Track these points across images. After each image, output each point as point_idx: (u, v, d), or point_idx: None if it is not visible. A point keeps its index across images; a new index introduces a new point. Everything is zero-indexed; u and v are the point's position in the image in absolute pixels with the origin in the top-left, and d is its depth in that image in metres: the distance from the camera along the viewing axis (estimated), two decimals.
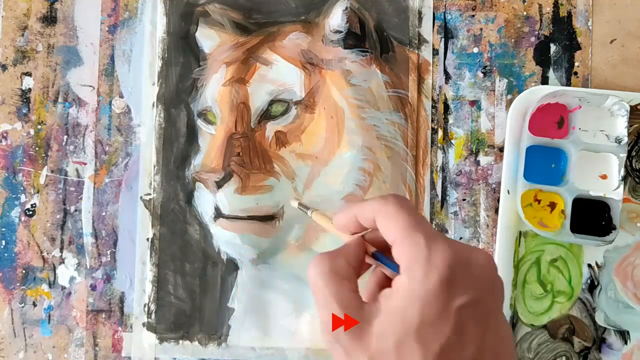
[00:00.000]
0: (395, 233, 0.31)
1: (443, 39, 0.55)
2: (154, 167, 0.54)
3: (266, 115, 0.53)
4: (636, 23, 0.55)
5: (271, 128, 0.53)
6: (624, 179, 0.51)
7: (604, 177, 0.52)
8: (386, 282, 0.33)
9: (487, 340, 0.30)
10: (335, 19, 0.54)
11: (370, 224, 0.33)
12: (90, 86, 0.55)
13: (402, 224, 0.31)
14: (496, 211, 0.53)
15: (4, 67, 0.55)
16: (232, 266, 0.54)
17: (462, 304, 0.29)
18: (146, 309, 0.53)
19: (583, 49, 0.54)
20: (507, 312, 0.52)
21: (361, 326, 0.30)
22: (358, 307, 0.30)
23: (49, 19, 0.55)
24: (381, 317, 0.30)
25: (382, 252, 0.33)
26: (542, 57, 0.54)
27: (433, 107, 0.54)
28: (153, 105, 0.55)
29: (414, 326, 0.29)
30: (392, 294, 0.30)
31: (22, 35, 0.55)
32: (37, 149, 0.55)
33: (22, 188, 0.54)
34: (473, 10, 0.55)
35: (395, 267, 0.31)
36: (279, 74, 0.54)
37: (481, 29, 0.55)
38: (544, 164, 0.52)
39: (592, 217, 0.51)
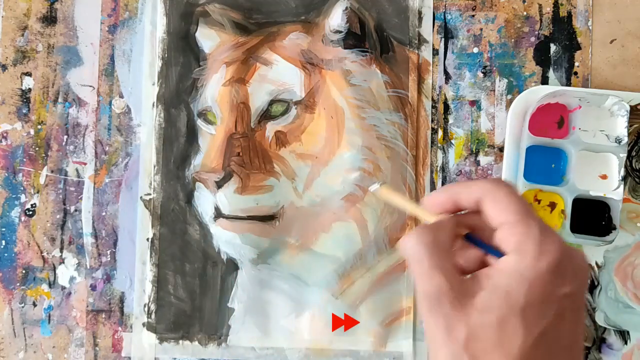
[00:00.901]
0: (507, 216, 0.31)
1: (443, 39, 0.55)
2: (154, 167, 0.54)
3: (266, 115, 0.53)
4: (636, 23, 0.55)
5: (271, 128, 0.53)
6: (624, 179, 0.51)
7: (604, 177, 0.52)
8: (470, 266, 0.33)
9: (578, 333, 0.31)
10: (335, 19, 0.54)
11: (470, 205, 0.33)
12: (90, 86, 0.55)
13: (514, 208, 0.31)
14: None
15: (4, 67, 0.55)
16: (232, 266, 0.54)
17: (565, 293, 0.30)
18: (146, 309, 0.53)
19: (583, 49, 0.54)
20: None
21: (464, 299, 0.30)
22: (460, 281, 0.31)
23: (49, 19, 0.55)
24: (484, 293, 0.30)
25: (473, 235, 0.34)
26: (542, 57, 0.54)
27: (433, 107, 0.54)
28: (153, 105, 0.55)
29: (520, 305, 0.29)
30: (496, 273, 0.31)
31: (22, 35, 0.55)
32: (37, 149, 0.55)
33: (22, 188, 0.54)
34: (473, 10, 0.55)
35: (493, 251, 0.32)
36: (279, 74, 0.54)
37: (481, 29, 0.55)
38: (544, 164, 0.52)
39: (592, 217, 0.51)
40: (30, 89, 0.55)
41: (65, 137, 0.55)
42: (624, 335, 0.52)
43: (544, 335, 0.29)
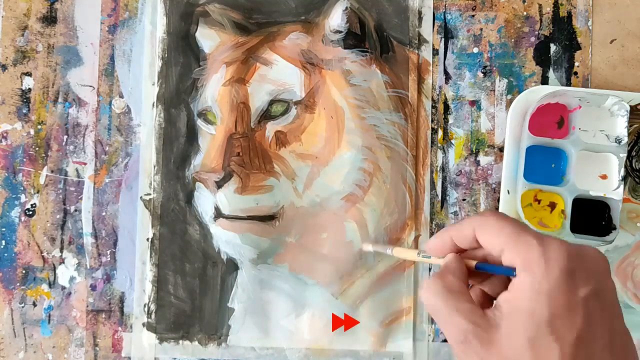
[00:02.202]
0: (503, 240, 0.32)
1: (443, 39, 0.55)
2: (154, 167, 0.54)
3: (266, 115, 0.53)
4: (636, 23, 0.55)
5: (271, 128, 0.53)
6: (624, 179, 0.51)
7: (604, 177, 0.52)
8: (486, 299, 0.34)
9: (616, 329, 0.31)
10: (335, 19, 0.54)
11: (467, 243, 0.34)
12: (90, 86, 0.55)
13: (507, 231, 0.32)
14: None
15: (4, 67, 0.55)
16: (232, 266, 0.54)
17: (586, 294, 0.30)
18: (146, 309, 0.53)
19: (583, 49, 0.54)
20: None
21: (489, 332, 0.31)
22: (481, 315, 0.31)
23: (49, 19, 0.55)
24: (508, 319, 0.30)
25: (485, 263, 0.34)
26: (542, 57, 0.54)
27: (433, 107, 0.54)
28: (153, 105, 0.55)
29: (545, 320, 0.29)
30: (513, 296, 0.31)
31: (22, 35, 0.55)
32: (37, 149, 0.55)
33: (22, 188, 0.54)
34: (473, 10, 0.55)
35: (506, 270, 0.32)
36: (279, 74, 0.54)
37: (481, 29, 0.55)
38: (544, 164, 0.52)
39: (592, 217, 0.51)
40: (30, 89, 0.55)
41: (65, 137, 0.55)
42: None
43: (579, 342, 0.29)
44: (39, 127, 0.55)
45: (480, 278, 0.35)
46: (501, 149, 0.54)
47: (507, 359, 0.30)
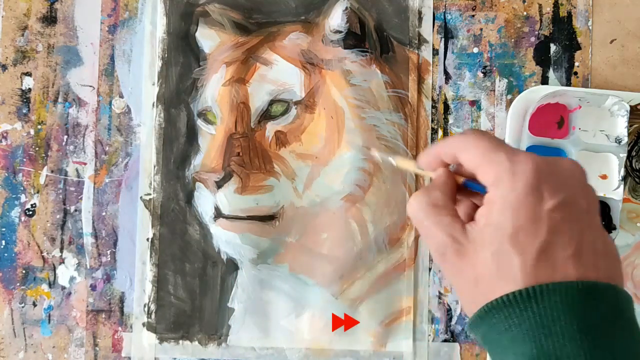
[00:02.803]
0: (478, 158, 0.32)
1: (443, 39, 0.55)
2: (154, 167, 0.54)
3: (266, 115, 0.53)
4: (636, 23, 0.55)
5: (271, 128, 0.53)
6: (624, 179, 0.51)
7: (604, 177, 0.52)
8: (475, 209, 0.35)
9: (585, 238, 0.31)
10: (335, 19, 0.54)
11: (452, 160, 0.35)
12: (90, 86, 0.55)
13: (481, 150, 0.32)
14: None
15: (4, 67, 0.55)
16: (232, 266, 0.54)
17: (552, 206, 0.30)
18: (146, 309, 0.53)
19: (583, 49, 0.54)
20: None
21: (465, 245, 0.32)
22: (460, 229, 0.32)
23: (49, 19, 0.55)
24: (479, 233, 0.32)
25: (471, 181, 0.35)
26: (542, 57, 0.54)
27: (433, 107, 0.54)
28: (153, 105, 0.55)
29: (508, 233, 0.30)
30: (485, 210, 0.32)
31: (22, 35, 0.55)
32: (37, 149, 0.55)
33: (22, 188, 0.54)
34: (473, 10, 0.55)
35: (480, 187, 0.33)
36: (279, 74, 0.54)
37: (481, 29, 0.55)
38: None
39: None
40: (30, 89, 0.55)
41: (65, 137, 0.55)
42: None
43: (541, 253, 0.30)
44: (39, 127, 0.55)
45: (472, 192, 0.36)
46: None
47: (476, 271, 0.31)
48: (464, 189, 0.35)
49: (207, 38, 0.54)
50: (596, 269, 0.30)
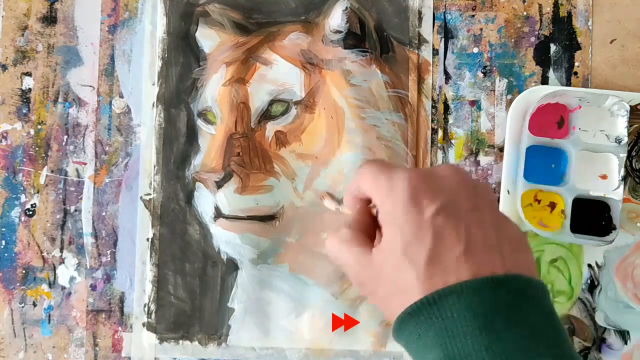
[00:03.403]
0: (369, 185, 0.34)
1: (443, 39, 0.55)
2: (154, 167, 0.54)
3: (266, 115, 0.53)
4: (636, 23, 0.55)
5: (271, 128, 0.53)
6: (624, 179, 0.51)
7: (604, 177, 0.52)
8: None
9: (474, 236, 0.31)
10: (335, 19, 0.54)
11: (361, 194, 0.36)
12: (90, 86, 0.55)
13: (369, 177, 0.34)
14: None
15: (4, 67, 0.55)
16: (232, 266, 0.54)
17: (433, 213, 0.31)
18: (146, 309, 0.53)
19: (583, 49, 0.54)
20: None
21: (373, 269, 0.33)
22: (369, 257, 0.33)
23: (49, 19, 0.55)
24: (379, 254, 0.33)
25: None
26: (542, 57, 0.54)
27: (433, 107, 0.54)
28: (153, 105, 0.55)
29: (399, 249, 0.31)
30: (380, 232, 0.33)
31: (22, 35, 0.55)
32: (37, 149, 0.55)
33: (22, 188, 0.54)
34: (473, 10, 0.55)
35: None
36: (279, 74, 0.54)
37: (481, 29, 0.55)
38: (544, 164, 0.52)
39: (592, 217, 0.51)
40: (30, 89, 0.55)
41: (65, 137, 0.55)
42: (623, 335, 0.52)
43: (430, 260, 0.30)
44: (39, 127, 0.55)
45: None
46: (501, 149, 0.54)
47: (386, 289, 0.32)
48: None
49: (207, 38, 0.54)
50: (491, 263, 0.30)
